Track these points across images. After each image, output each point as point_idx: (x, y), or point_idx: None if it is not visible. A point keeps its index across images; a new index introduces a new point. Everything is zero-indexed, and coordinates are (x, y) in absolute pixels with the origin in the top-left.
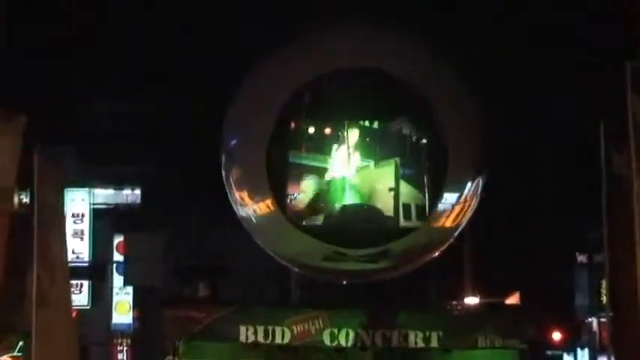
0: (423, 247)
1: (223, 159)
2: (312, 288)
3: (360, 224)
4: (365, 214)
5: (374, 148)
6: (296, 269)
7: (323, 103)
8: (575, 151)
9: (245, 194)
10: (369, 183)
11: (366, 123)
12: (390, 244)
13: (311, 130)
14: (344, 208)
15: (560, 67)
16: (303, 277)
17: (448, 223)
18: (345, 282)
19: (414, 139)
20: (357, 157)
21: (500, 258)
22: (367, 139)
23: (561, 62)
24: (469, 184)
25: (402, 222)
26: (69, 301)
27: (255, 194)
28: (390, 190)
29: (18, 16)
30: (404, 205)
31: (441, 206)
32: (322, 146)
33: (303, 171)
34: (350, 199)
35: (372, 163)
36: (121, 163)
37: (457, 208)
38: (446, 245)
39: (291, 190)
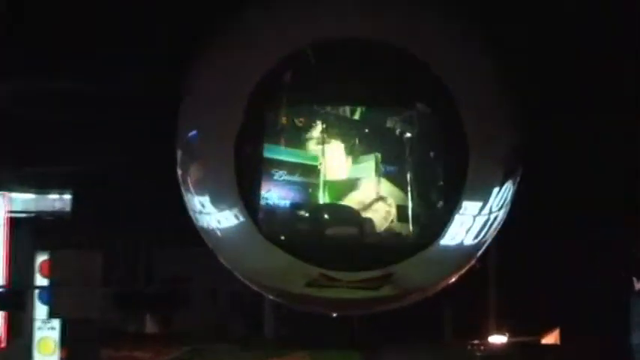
0: (436, 271)
1: (179, 155)
2: (292, 321)
3: (335, 228)
4: (340, 216)
5: (370, 138)
6: (272, 297)
7: (308, 83)
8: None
9: (207, 200)
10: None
11: (361, 108)
12: (394, 266)
13: (293, 117)
14: (317, 209)
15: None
16: (282, 307)
17: (468, 240)
18: (335, 314)
19: (420, 135)
20: (352, 151)
21: (535, 285)
22: (364, 129)
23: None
24: (496, 190)
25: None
26: None
27: (220, 200)
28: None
29: None
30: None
31: (458, 218)
32: (307, 138)
33: (282, 169)
34: (331, 199)
35: (370, 158)
36: (46, 160)
37: (480, 221)
38: (466, 268)
39: (266, 193)
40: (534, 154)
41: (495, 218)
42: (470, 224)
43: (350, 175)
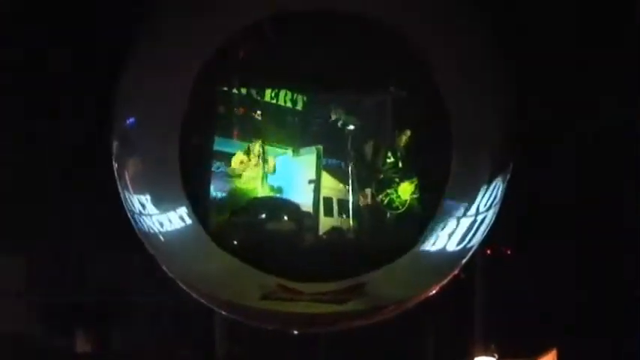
0: (414, 281)
1: (115, 146)
2: (248, 341)
3: (295, 230)
4: (303, 217)
5: (337, 127)
6: (223, 312)
7: (269, 61)
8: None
9: (147, 199)
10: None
11: (333, 97)
12: (365, 276)
13: (251, 100)
14: (275, 208)
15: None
16: (235, 323)
17: (451, 246)
18: (297, 332)
19: (398, 123)
20: (315, 145)
21: (528, 298)
22: (336, 123)
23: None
24: (484, 188)
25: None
26: None
27: (163, 199)
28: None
29: None
30: (325, 199)
31: (440, 219)
32: (268, 127)
33: (237, 163)
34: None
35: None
36: None
37: (465, 223)
38: (448, 278)
39: (215, 191)
40: (528, 147)
41: (483, 220)
42: (453, 227)
43: (316, 170)
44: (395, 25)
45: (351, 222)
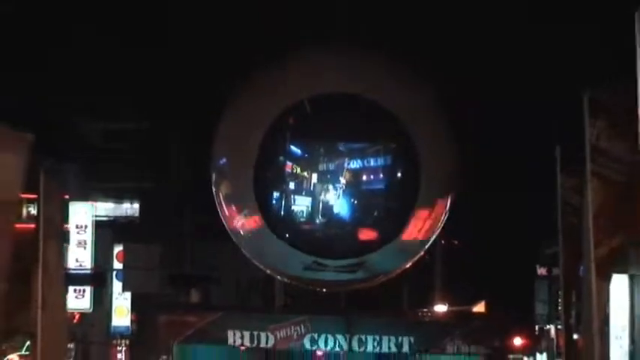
0: (396, 259)
1: (213, 176)
2: (295, 295)
3: (326, 230)
4: (330, 222)
5: (351, 168)
6: (279, 278)
7: (307, 125)
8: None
9: (233, 210)
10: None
11: (345, 145)
12: (366, 256)
13: (296, 149)
14: (314, 215)
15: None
16: (287, 285)
17: (420, 237)
18: (325, 290)
19: (385, 160)
20: (335, 176)
21: (467, 270)
22: (347, 161)
23: (520, 87)
24: (439, 202)
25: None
26: (64, 303)
27: (243, 210)
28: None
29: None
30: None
31: (413, 221)
32: (307, 165)
33: (289, 188)
34: (324, 209)
35: (352, 182)
36: (120, 179)
37: (428, 224)
38: (417, 257)
39: (277, 205)
40: (469, 173)
41: (440, 220)
42: (421, 226)
43: (335, 194)
44: (383, 103)
45: (380, 228)
